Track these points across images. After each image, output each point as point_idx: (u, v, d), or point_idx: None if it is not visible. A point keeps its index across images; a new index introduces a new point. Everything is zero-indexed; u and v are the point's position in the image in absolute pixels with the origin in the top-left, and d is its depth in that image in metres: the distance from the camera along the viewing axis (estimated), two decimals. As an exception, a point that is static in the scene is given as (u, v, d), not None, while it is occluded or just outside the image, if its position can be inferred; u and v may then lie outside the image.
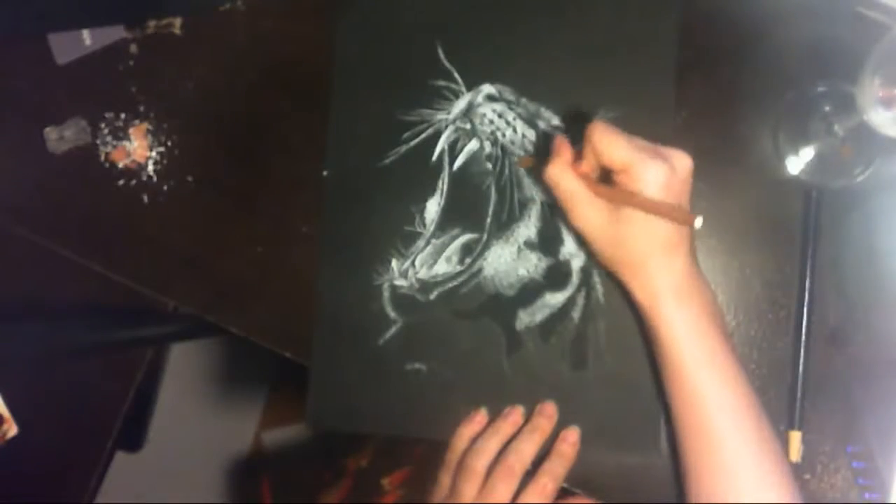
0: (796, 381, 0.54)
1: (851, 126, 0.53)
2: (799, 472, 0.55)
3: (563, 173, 0.49)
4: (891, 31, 0.45)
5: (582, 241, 0.54)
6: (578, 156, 0.50)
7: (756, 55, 0.56)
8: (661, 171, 0.46)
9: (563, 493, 0.55)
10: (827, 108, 0.56)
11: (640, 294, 0.50)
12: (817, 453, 0.55)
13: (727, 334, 0.50)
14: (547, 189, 0.51)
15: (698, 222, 0.45)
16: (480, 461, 0.53)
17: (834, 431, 0.55)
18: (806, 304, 0.55)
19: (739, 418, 0.48)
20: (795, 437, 0.54)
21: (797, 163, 0.56)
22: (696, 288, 0.49)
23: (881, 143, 0.52)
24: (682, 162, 0.48)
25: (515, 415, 0.55)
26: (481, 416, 0.56)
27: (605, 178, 0.50)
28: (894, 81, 0.45)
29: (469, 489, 0.52)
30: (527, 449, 0.53)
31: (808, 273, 0.55)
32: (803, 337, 0.55)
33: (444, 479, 0.54)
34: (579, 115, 0.56)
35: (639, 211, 0.47)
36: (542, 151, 0.56)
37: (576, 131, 0.51)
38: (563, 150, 0.50)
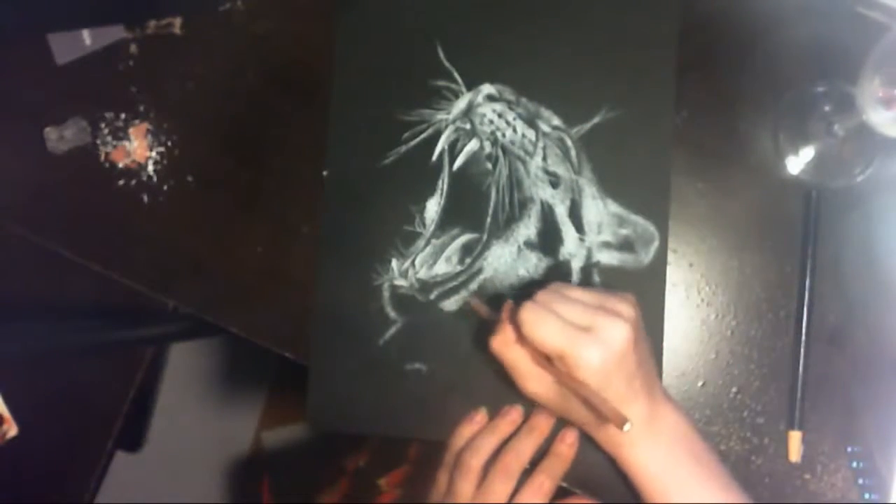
0: (796, 381, 0.54)
1: (851, 126, 0.53)
2: (799, 472, 0.55)
3: (505, 346, 0.49)
4: (891, 31, 0.45)
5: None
6: None
7: (756, 55, 0.56)
8: (595, 356, 0.45)
9: (562, 492, 0.55)
10: (827, 108, 0.56)
11: (608, 446, 0.50)
12: (817, 453, 0.55)
13: (705, 448, 0.50)
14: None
15: (626, 427, 0.45)
16: (477, 459, 0.53)
17: (834, 431, 0.55)
18: (806, 304, 0.55)
19: None
20: (795, 437, 0.54)
21: (797, 163, 0.56)
22: (662, 422, 0.49)
23: (881, 143, 0.52)
24: (617, 333, 0.46)
25: (514, 414, 0.55)
26: (481, 417, 0.56)
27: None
28: (894, 81, 0.45)
29: (466, 487, 0.52)
30: (525, 448, 0.53)
31: (808, 273, 0.55)
32: (803, 337, 0.55)
33: (442, 479, 0.54)
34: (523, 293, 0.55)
35: (575, 393, 0.47)
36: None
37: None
38: (506, 324, 0.49)
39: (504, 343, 0.49)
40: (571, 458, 0.54)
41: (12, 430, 0.71)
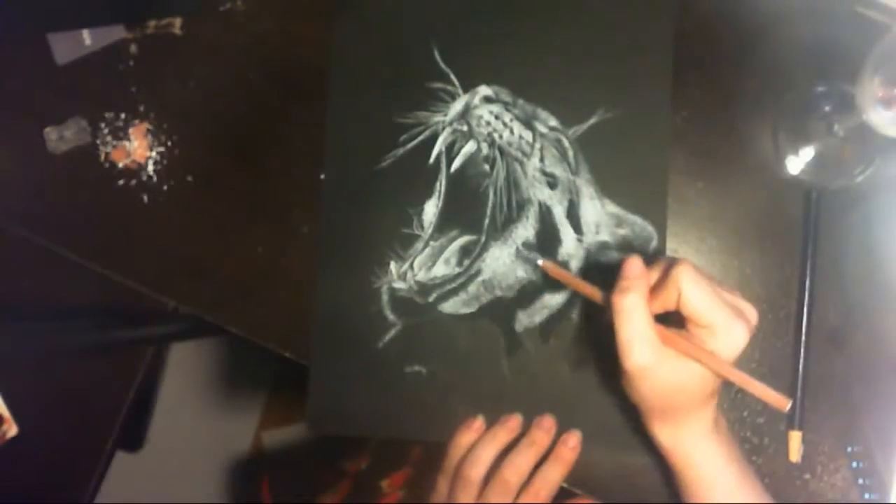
0: (796, 381, 0.54)
1: (851, 126, 0.53)
2: (799, 472, 0.55)
3: (638, 308, 0.44)
4: (891, 31, 0.45)
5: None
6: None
7: (755, 55, 0.56)
8: (742, 337, 0.44)
9: (563, 493, 0.55)
10: (827, 108, 0.56)
11: (668, 440, 0.49)
12: (817, 453, 0.55)
13: (745, 457, 0.50)
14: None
15: (789, 407, 0.43)
16: (476, 471, 0.52)
17: (834, 431, 0.55)
18: (806, 304, 0.55)
19: None
20: (795, 437, 0.54)
21: (797, 163, 0.56)
22: (720, 422, 0.50)
23: (881, 143, 0.52)
24: (754, 316, 0.45)
25: (513, 422, 0.55)
26: (479, 424, 0.55)
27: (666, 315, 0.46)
28: (894, 81, 0.45)
29: (465, 498, 0.52)
30: (523, 462, 0.53)
31: (808, 273, 0.55)
32: (803, 337, 0.55)
33: (442, 486, 0.54)
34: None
35: (718, 373, 0.45)
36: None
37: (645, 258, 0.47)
38: (641, 280, 0.45)
39: (637, 303, 0.44)
40: (573, 462, 0.54)
41: (12, 430, 0.71)
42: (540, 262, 0.54)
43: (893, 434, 0.54)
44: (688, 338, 0.45)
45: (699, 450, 0.48)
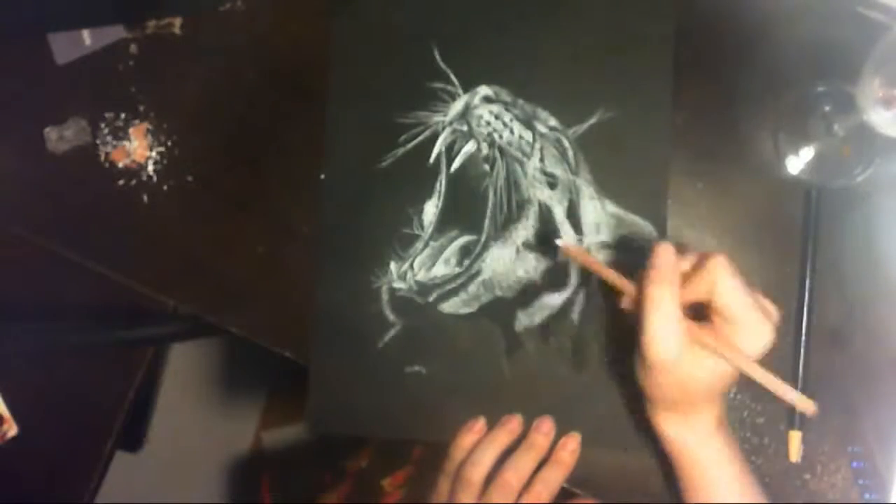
0: (796, 381, 0.54)
1: (851, 126, 0.53)
2: (799, 472, 0.55)
3: (669, 298, 0.43)
4: (891, 31, 0.45)
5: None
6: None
7: (756, 55, 0.56)
8: (768, 335, 0.43)
9: (563, 493, 0.55)
10: (827, 108, 0.56)
11: (672, 432, 0.48)
12: (817, 453, 0.55)
13: (744, 457, 0.50)
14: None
15: (814, 412, 0.43)
16: (477, 473, 0.53)
17: (834, 431, 0.55)
18: (806, 304, 0.55)
19: None
20: (795, 437, 0.54)
21: (797, 163, 0.56)
22: (724, 421, 0.50)
23: (881, 143, 0.52)
24: (777, 316, 0.45)
25: (513, 423, 0.55)
26: (480, 425, 0.55)
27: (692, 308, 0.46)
28: (894, 81, 0.45)
29: (466, 499, 0.52)
30: (524, 465, 0.53)
31: (808, 273, 0.55)
32: (803, 337, 0.55)
33: (443, 487, 0.54)
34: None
35: (744, 371, 0.44)
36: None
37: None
38: (674, 270, 0.44)
39: (671, 292, 0.43)
40: (572, 465, 0.54)
41: (12, 429, 0.71)
42: (560, 242, 0.53)
43: (893, 434, 0.54)
44: (714, 333, 0.44)
45: (702, 445, 0.48)
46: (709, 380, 0.45)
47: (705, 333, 0.44)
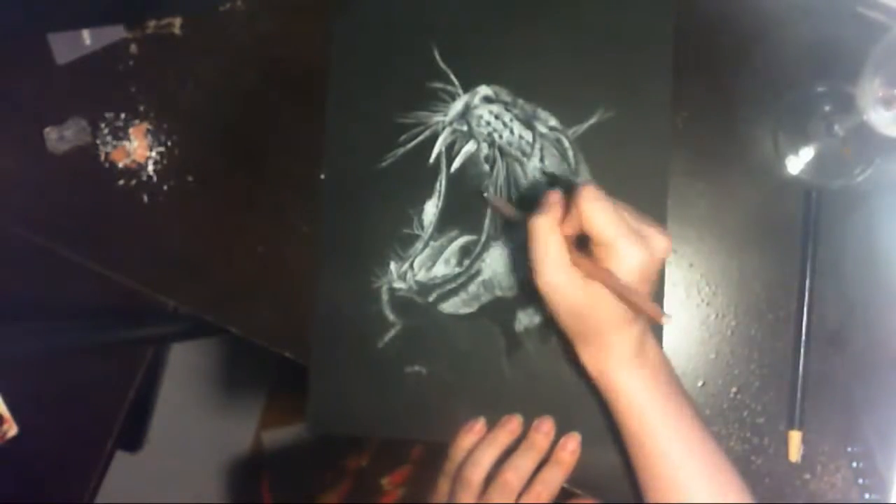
0: (796, 381, 0.54)
1: (851, 126, 0.53)
2: (799, 472, 0.55)
3: (552, 231, 0.47)
4: (891, 31, 0.45)
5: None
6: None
7: (756, 55, 0.56)
8: (640, 257, 0.45)
9: (563, 493, 0.55)
10: (827, 108, 0.56)
11: (593, 365, 0.50)
12: (817, 453, 0.55)
13: (685, 393, 0.51)
14: (513, 238, 0.50)
15: (666, 320, 0.44)
16: (477, 473, 0.53)
17: (834, 431, 0.55)
18: (806, 304, 0.55)
19: (705, 474, 0.49)
20: (795, 437, 0.54)
21: (797, 163, 0.56)
22: (649, 352, 0.49)
23: (881, 143, 0.52)
24: (661, 245, 0.47)
25: (513, 424, 0.55)
26: (480, 426, 0.55)
27: (580, 242, 0.48)
28: (894, 81, 0.45)
29: (465, 500, 0.52)
30: (524, 465, 0.53)
31: (808, 273, 0.55)
32: (803, 337, 0.55)
33: (443, 487, 0.54)
34: (563, 179, 0.56)
35: (609, 288, 0.46)
36: (525, 202, 0.55)
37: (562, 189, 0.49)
38: (556, 206, 0.48)
39: (550, 222, 0.46)
40: (572, 465, 0.54)
41: (12, 429, 0.71)
42: (487, 194, 0.56)
43: (893, 434, 0.54)
44: (592, 259, 0.47)
45: (622, 375, 0.49)
46: (603, 305, 0.47)
47: (584, 260, 0.47)
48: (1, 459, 0.71)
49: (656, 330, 0.55)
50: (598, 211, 0.46)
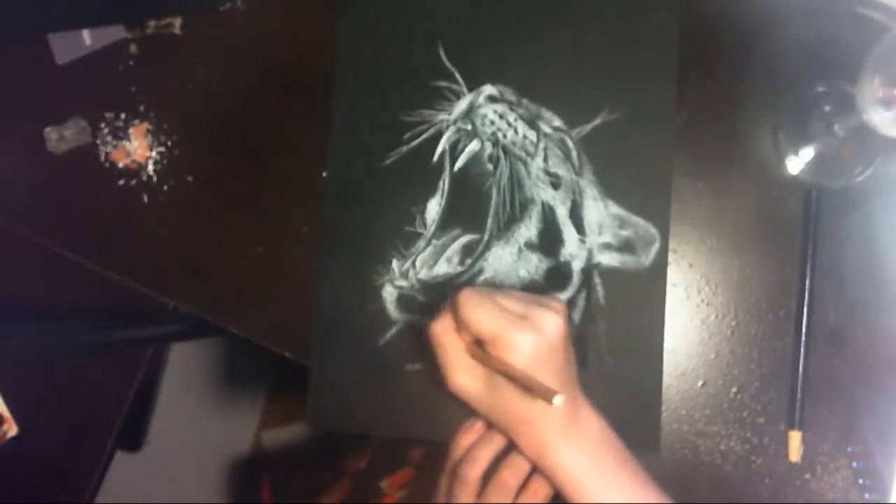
0: (796, 381, 0.54)
1: (851, 126, 0.53)
2: (799, 472, 0.55)
3: (446, 332, 0.49)
4: (891, 31, 0.45)
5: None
6: None
7: (756, 55, 0.56)
8: (528, 341, 0.46)
9: (562, 493, 0.55)
10: (827, 108, 0.56)
11: (527, 448, 0.50)
12: (817, 453, 0.55)
13: (625, 451, 0.50)
14: (425, 348, 0.51)
15: (557, 400, 0.44)
16: (474, 471, 0.52)
17: (834, 431, 0.55)
18: (806, 304, 0.55)
19: None
20: (795, 437, 0.54)
21: (797, 163, 0.56)
22: (584, 421, 0.49)
23: (881, 143, 0.52)
24: (551, 324, 0.47)
25: None
26: (479, 425, 0.55)
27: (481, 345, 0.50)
28: (894, 81, 0.45)
29: (463, 498, 0.52)
30: (521, 463, 0.53)
31: (808, 273, 0.55)
32: (803, 337, 0.55)
33: (443, 485, 0.55)
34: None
35: (516, 379, 0.47)
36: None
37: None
38: (448, 310, 0.49)
39: (443, 328, 0.49)
40: None
41: (12, 429, 0.71)
42: None
43: (893, 434, 0.54)
44: (488, 352, 0.48)
45: (558, 452, 0.49)
46: (515, 395, 0.48)
47: (480, 353, 0.48)
48: (1, 459, 0.71)
49: (656, 334, 0.55)
50: (475, 311, 0.47)
